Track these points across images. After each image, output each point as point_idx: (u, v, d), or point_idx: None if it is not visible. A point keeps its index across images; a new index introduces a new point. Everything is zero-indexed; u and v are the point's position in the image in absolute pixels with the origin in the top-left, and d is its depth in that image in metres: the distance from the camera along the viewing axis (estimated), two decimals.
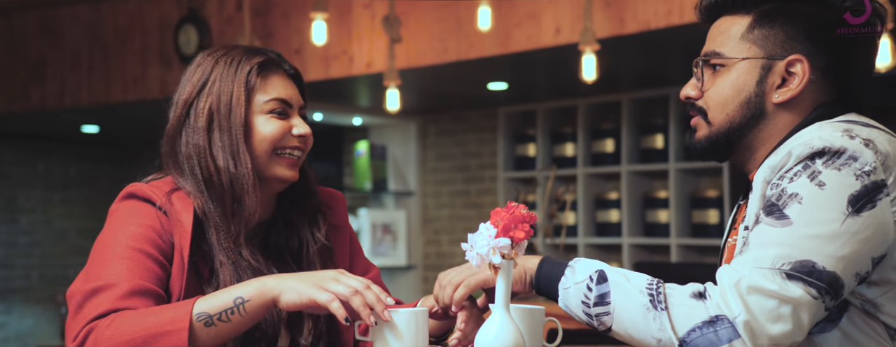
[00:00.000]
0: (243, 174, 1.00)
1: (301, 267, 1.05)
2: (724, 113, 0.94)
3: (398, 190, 4.20)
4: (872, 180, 0.83)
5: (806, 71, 0.92)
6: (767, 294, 0.80)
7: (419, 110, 4.11)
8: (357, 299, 0.89)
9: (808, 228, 0.82)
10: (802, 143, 0.86)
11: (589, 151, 3.68)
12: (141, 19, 3.64)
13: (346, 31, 3.15)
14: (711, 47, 0.96)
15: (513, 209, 0.83)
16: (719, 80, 0.94)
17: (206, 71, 1.04)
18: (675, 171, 3.42)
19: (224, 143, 1.00)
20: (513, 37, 2.77)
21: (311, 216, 1.07)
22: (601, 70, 2.57)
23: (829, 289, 0.82)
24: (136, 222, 0.98)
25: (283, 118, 1.04)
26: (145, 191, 1.00)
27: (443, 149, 4.16)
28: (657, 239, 3.47)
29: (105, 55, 3.68)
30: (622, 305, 0.84)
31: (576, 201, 3.67)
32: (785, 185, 0.85)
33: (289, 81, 1.06)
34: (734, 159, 0.97)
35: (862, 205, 0.82)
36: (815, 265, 0.81)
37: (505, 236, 0.82)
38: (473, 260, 0.83)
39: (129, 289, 0.92)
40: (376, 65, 3.06)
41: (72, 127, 4.38)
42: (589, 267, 0.88)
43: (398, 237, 4.16)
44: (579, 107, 3.66)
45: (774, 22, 0.93)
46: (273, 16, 3.30)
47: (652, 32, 2.48)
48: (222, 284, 0.98)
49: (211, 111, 1.01)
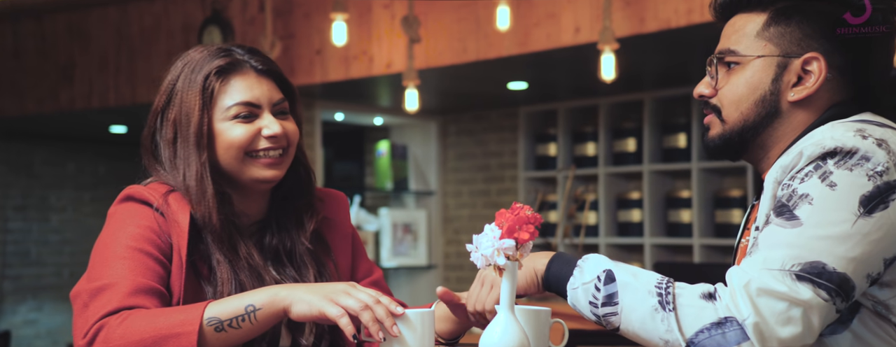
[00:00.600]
0: (198, 185, 0.99)
1: (294, 266, 1.04)
2: (738, 111, 0.93)
3: (419, 189, 4.21)
4: (885, 180, 0.82)
5: (822, 69, 0.91)
6: (777, 297, 0.79)
7: (440, 110, 4.12)
8: (367, 314, 0.89)
9: (818, 229, 0.81)
10: (814, 143, 0.85)
11: (610, 151, 3.65)
12: (166, 20, 3.70)
13: (365, 31, 3.17)
14: (726, 45, 0.95)
15: (517, 210, 0.83)
16: (734, 78, 0.93)
17: (173, 78, 1.03)
18: (697, 171, 3.38)
19: (184, 155, 1.00)
20: (532, 36, 2.76)
21: (298, 217, 1.06)
22: (622, 69, 2.54)
23: (839, 291, 0.81)
24: (134, 223, 0.98)
25: (249, 121, 1.01)
26: (142, 193, 1.01)
27: (463, 148, 4.17)
28: (680, 239, 3.43)
29: (131, 56, 3.75)
30: (630, 306, 0.84)
31: (597, 201, 3.65)
32: (796, 186, 0.84)
33: (257, 80, 1.02)
34: (747, 158, 0.96)
35: (874, 206, 0.81)
36: (825, 266, 0.80)
37: (509, 237, 0.82)
38: (478, 261, 0.84)
39: (133, 288, 0.93)
40: (396, 66, 3.07)
41: (100, 127, 4.47)
42: (597, 267, 0.87)
43: (419, 236, 4.17)
44: (600, 107, 3.63)
45: (791, 19, 0.92)
46: (295, 16, 3.33)
47: (672, 31, 2.45)
48: (219, 282, 0.99)
49: (175, 123, 1.01)
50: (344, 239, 1.11)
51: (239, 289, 0.99)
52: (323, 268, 1.06)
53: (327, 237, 1.09)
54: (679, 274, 0.87)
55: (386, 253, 4.06)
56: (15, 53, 4.03)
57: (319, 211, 1.08)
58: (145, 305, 0.94)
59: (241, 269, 1.00)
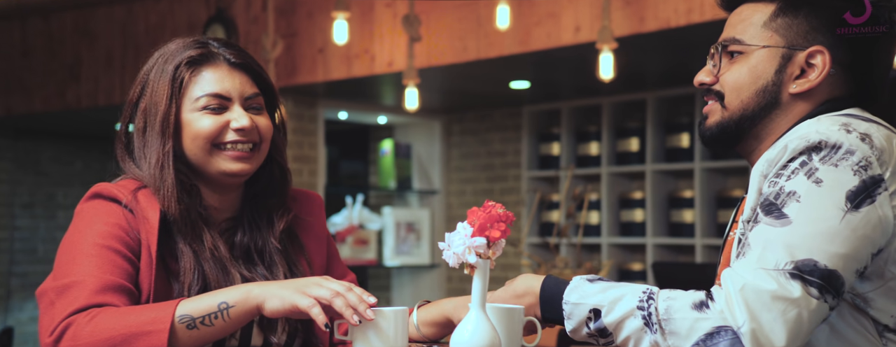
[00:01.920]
0: (167, 183, 0.98)
1: (265, 264, 1.04)
2: (739, 98, 0.92)
3: (422, 188, 4.22)
4: (870, 175, 0.81)
5: (826, 63, 0.90)
6: (771, 298, 0.79)
7: (443, 109, 4.12)
8: (339, 300, 0.89)
9: (807, 226, 0.81)
10: (799, 137, 0.85)
11: (613, 150, 3.64)
12: (171, 19, 3.72)
13: (368, 30, 3.17)
14: (731, 34, 0.94)
15: (489, 208, 0.83)
16: (737, 66, 0.93)
17: (148, 69, 1.02)
18: (700, 171, 3.36)
19: (150, 144, 0.99)
20: (533, 35, 2.75)
21: (269, 215, 1.06)
22: (624, 68, 2.53)
23: (829, 288, 0.80)
24: (102, 220, 0.98)
25: (218, 113, 1.00)
26: (111, 191, 1.00)
27: (467, 147, 4.16)
28: (682, 239, 3.41)
29: (137, 54, 3.78)
30: (623, 334, 0.85)
31: (600, 200, 3.63)
32: (783, 183, 0.84)
33: (229, 72, 1.01)
34: (741, 148, 0.96)
35: (860, 201, 0.81)
36: (816, 263, 0.80)
37: (481, 235, 0.81)
38: (450, 259, 0.84)
39: (100, 285, 0.93)
40: (398, 64, 3.07)
41: (107, 125, 4.49)
42: (582, 310, 0.87)
43: (422, 235, 4.17)
44: (604, 106, 3.62)
45: (799, 11, 0.91)
46: (297, 15, 3.34)
47: (672, 30, 2.44)
48: (183, 272, 0.98)
49: (145, 112, 1.00)
50: (318, 240, 1.10)
51: (202, 281, 0.99)
52: (295, 267, 1.06)
53: (301, 236, 1.09)
54: (680, 274, 0.86)
55: (389, 252, 4.07)
56: (23, 52, 4.07)
57: (291, 210, 1.08)
58: (113, 303, 0.93)
59: (205, 260, 0.99)
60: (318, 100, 3.70)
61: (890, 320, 0.83)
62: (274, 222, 1.06)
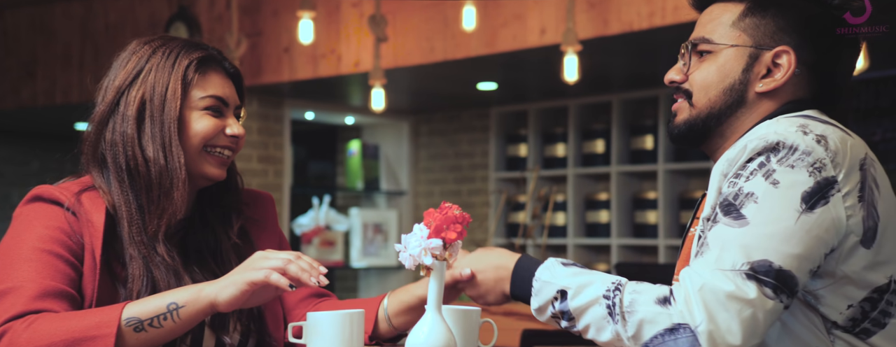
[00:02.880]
0: (175, 168, 0.98)
1: (218, 264, 1.03)
2: (706, 97, 0.94)
3: (390, 189, 4.20)
4: (824, 176, 0.83)
5: (791, 63, 0.92)
6: (727, 299, 0.80)
7: (411, 110, 4.11)
8: (292, 266, 0.88)
9: (763, 227, 0.82)
10: (758, 137, 0.86)
11: (579, 152, 3.67)
12: (132, 16, 3.65)
13: (334, 29, 3.15)
14: (701, 33, 0.96)
15: (445, 210, 0.82)
16: (705, 65, 0.94)
17: (141, 60, 1.00)
18: (663, 172, 3.41)
19: (155, 135, 0.98)
20: (499, 37, 2.76)
21: (225, 214, 1.06)
22: (589, 70, 2.55)
23: (784, 288, 0.82)
24: (41, 224, 0.95)
25: (217, 116, 1.02)
26: (53, 193, 0.98)
27: (435, 148, 4.16)
28: (646, 239, 3.46)
29: (96, 53, 3.70)
30: (584, 319, 0.86)
31: (566, 202, 3.66)
32: (742, 184, 0.85)
33: (227, 80, 1.04)
34: (706, 146, 0.97)
35: (815, 202, 0.83)
36: (771, 264, 0.82)
37: (437, 237, 0.81)
38: (406, 261, 0.83)
39: (39, 291, 0.90)
40: (364, 65, 3.06)
41: (65, 124, 4.40)
42: (550, 288, 0.88)
43: (390, 237, 4.16)
44: (570, 108, 3.65)
45: (766, 11, 0.93)
46: (262, 14, 3.30)
47: (635, 33, 2.47)
48: (131, 279, 0.96)
49: (143, 100, 0.99)
50: (270, 238, 1.09)
51: (151, 287, 0.97)
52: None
53: (254, 236, 1.08)
54: (643, 275, 0.88)
55: (356, 254, 4.05)
56: None
57: (244, 211, 1.08)
58: (53, 309, 0.90)
59: (156, 265, 0.98)
60: (284, 100, 3.66)
61: (839, 317, 0.84)
62: (231, 221, 1.05)
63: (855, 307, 0.84)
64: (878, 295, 0.84)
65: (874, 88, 3.05)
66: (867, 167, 0.86)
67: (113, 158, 0.99)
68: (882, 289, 0.85)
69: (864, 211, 0.84)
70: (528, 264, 0.92)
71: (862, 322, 0.84)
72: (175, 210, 0.99)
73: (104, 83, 1.02)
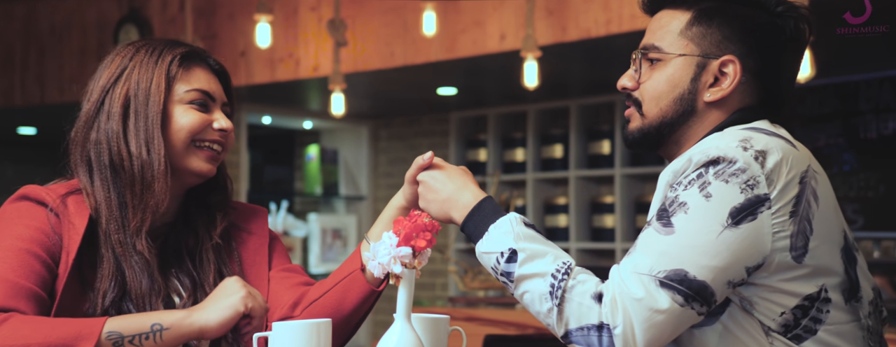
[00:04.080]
0: (155, 160, 0.98)
1: (195, 265, 1.03)
2: (657, 107, 0.96)
3: (349, 194, 4.17)
4: (755, 194, 0.85)
5: (737, 72, 0.93)
6: (639, 304, 0.83)
7: (371, 114, 4.09)
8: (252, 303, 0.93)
9: (687, 238, 0.85)
10: (701, 151, 0.88)
11: (538, 156, 3.71)
12: (79, 18, 3.54)
13: (292, 33, 3.11)
14: (651, 40, 0.97)
15: (415, 217, 0.82)
16: (656, 74, 0.96)
17: (125, 59, 1.01)
18: (620, 177, 3.47)
19: (139, 129, 0.98)
20: (459, 42, 2.77)
21: (210, 214, 1.06)
22: (548, 76, 2.58)
23: (696, 297, 0.84)
24: (22, 223, 0.95)
25: (203, 110, 1.02)
26: (39, 193, 0.98)
27: (395, 153, 4.15)
28: (603, 243, 3.51)
29: (40, 54, 3.57)
30: (524, 286, 0.87)
31: (525, 206, 3.69)
32: (679, 192, 0.88)
33: (212, 76, 1.04)
34: (663, 151, 0.99)
35: (742, 218, 0.85)
36: (686, 274, 0.84)
37: (406, 245, 0.81)
38: (375, 269, 0.83)
39: (12, 289, 0.90)
40: (323, 69, 3.03)
41: (7, 129, 4.24)
42: (503, 242, 0.89)
43: (349, 242, 4.12)
44: (529, 113, 3.69)
45: (712, 20, 0.94)
46: (218, 17, 3.24)
47: (592, 40, 2.51)
48: (100, 278, 0.96)
49: (127, 96, 0.99)
50: (259, 250, 1.08)
51: (119, 287, 0.96)
52: (225, 268, 1.05)
53: (238, 245, 1.08)
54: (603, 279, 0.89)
55: (314, 260, 4.00)
56: None
57: (233, 219, 1.08)
58: (22, 309, 0.89)
59: (130, 266, 0.97)
60: (241, 104, 3.60)
61: (772, 323, 0.87)
62: (215, 221, 1.05)
63: (787, 313, 0.87)
64: (809, 303, 0.87)
65: (818, 96, 3.17)
66: (808, 180, 0.88)
67: (97, 156, 0.99)
68: (813, 297, 0.87)
69: (795, 226, 0.86)
70: (491, 208, 0.93)
71: (794, 328, 0.87)
72: (158, 202, 0.98)
73: (90, 86, 1.02)
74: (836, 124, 3.13)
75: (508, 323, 2.41)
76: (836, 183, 3.10)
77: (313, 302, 1.02)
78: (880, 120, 3.05)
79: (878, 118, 3.05)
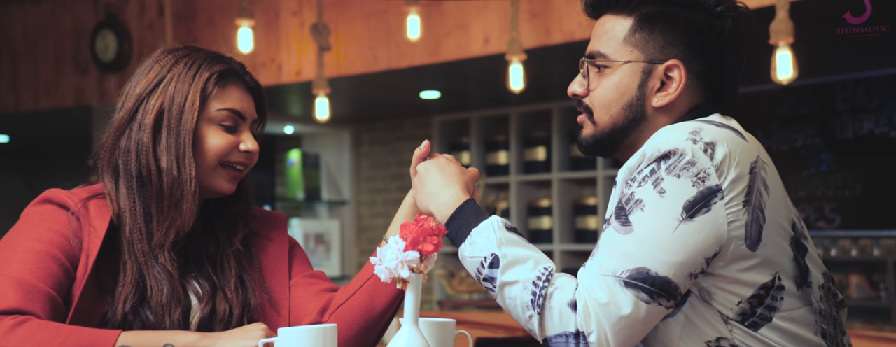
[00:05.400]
0: (186, 180, 0.98)
1: (215, 270, 1.03)
2: (608, 114, 0.97)
3: (332, 199, 4.15)
4: (707, 186, 0.87)
5: (682, 76, 0.95)
6: (606, 309, 0.85)
7: (352, 118, 4.08)
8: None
9: (645, 235, 0.86)
10: (653, 146, 0.90)
11: (521, 159, 3.73)
12: (54, 24, 3.48)
13: (274, 38, 3.09)
14: (596, 47, 0.98)
15: (422, 222, 0.82)
16: (604, 82, 0.97)
17: (163, 69, 1.01)
18: (603, 178, 3.50)
19: (170, 145, 0.99)
20: (443, 46, 2.78)
21: (232, 221, 1.06)
22: (531, 79, 2.60)
23: (661, 293, 0.86)
24: (43, 226, 0.96)
25: (232, 132, 1.03)
26: (62, 197, 0.99)
27: (377, 157, 4.14)
28: (587, 245, 3.54)
29: (14, 61, 3.50)
30: (506, 292, 0.88)
31: (509, 209, 3.71)
32: (634, 189, 0.89)
33: (246, 94, 1.05)
34: (619, 155, 1.00)
35: (696, 211, 0.86)
36: (649, 271, 0.86)
37: (413, 249, 0.81)
38: (382, 274, 0.82)
39: (30, 291, 0.90)
40: (306, 73, 3.01)
41: None
42: (486, 247, 0.90)
43: (332, 247, 4.10)
44: (511, 116, 3.70)
45: (654, 26, 0.95)
46: (198, 22, 3.21)
47: (576, 43, 2.53)
48: (121, 285, 0.96)
49: (161, 109, 0.99)
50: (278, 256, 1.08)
51: (139, 294, 0.96)
52: (245, 274, 1.05)
53: (257, 251, 1.08)
54: None
55: None
56: None
57: (253, 225, 1.08)
58: (37, 312, 0.90)
59: (152, 276, 0.98)
60: None
61: (729, 312, 0.89)
62: (236, 228, 1.05)
63: (744, 303, 0.88)
64: (764, 292, 0.88)
65: (795, 97, 3.24)
66: (758, 170, 0.89)
67: (125, 165, 1.00)
68: (768, 286, 0.89)
69: (748, 215, 0.87)
70: (472, 211, 0.94)
71: (751, 316, 0.89)
72: (184, 222, 0.99)
73: (126, 89, 1.03)
74: (814, 125, 3.19)
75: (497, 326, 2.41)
76: (814, 183, 3.16)
77: (341, 306, 1.02)
78: (856, 120, 3.11)
79: (854, 118, 3.12)
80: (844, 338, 0.97)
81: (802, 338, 0.90)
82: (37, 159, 4.56)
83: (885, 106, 3.05)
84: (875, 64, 3.00)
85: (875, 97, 3.08)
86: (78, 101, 3.47)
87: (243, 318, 1.02)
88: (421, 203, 0.99)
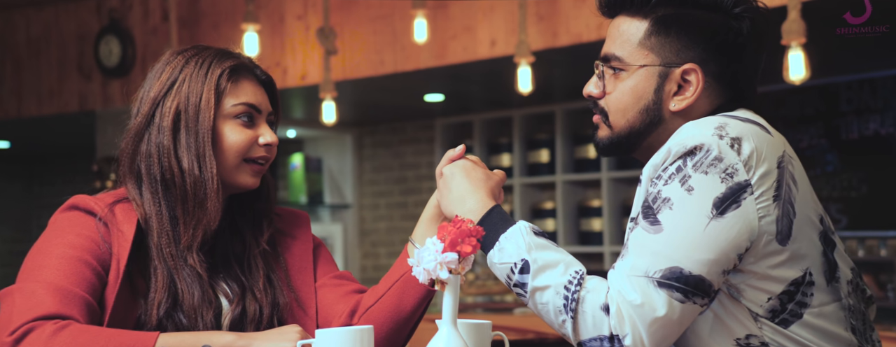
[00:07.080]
0: (208, 178, 0.99)
1: (243, 270, 1.03)
2: (624, 118, 0.97)
3: (334, 202, 4.14)
4: (736, 181, 0.86)
5: (699, 80, 0.94)
6: (640, 311, 0.84)
7: (355, 122, 4.07)
8: None
9: (676, 234, 0.86)
10: (678, 142, 0.89)
11: (525, 161, 3.73)
12: (57, 29, 3.47)
13: (279, 42, 3.09)
14: (611, 49, 0.97)
15: (459, 223, 0.82)
16: (620, 85, 0.97)
17: (175, 70, 1.01)
18: (607, 180, 3.51)
19: (190, 145, 0.99)
20: (449, 49, 2.78)
21: (257, 220, 1.06)
22: (536, 81, 2.61)
23: (696, 292, 0.86)
24: (74, 232, 0.97)
25: (249, 126, 1.03)
26: (88, 203, 0.99)
27: (379, 160, 4.13)
28: (592, 247, 3.54)
29: (17, 67, 3.49)
30: (538, 297, 0.88)
31: (513, 211, 3.71)
32: (661, 187, 0.88)
33: (259, 88, 1.05)
34: (638, 155, 1.00)
35: (726, 207, 0.86)
36: (682, 270, 0.85)
37: (452, 251, 0.81)
38: (420, 275, 0.82)
39: (67, 296, 0.91)
40: (311, 77, 3.01)
41: None
42: (515, 253, 0.90)
43: (335, 250, 4.09)
44: (515, 118, 3.71)
45: (670, 29, 0.95)
46: (202, 27, 3.20)
47: (584, 45, 2.54)
48: (153, 290, 0.96)
49: (178, 111, 1.00)
50: (303, 255, 1.08)
51: (172, 299, 0.97)
52: (272, 274, 1.05)
53: (283, 250, 1.08)
54: None
55: None
56: None
57: (277, 224, 1.08)
58: (76, 317, 0.91)
59: (182, 278, 0.98)
60: None
61: (759, 308, 0.88)
62: (262, 227, 1.05)
63: (773, 299, 0.88)
64: (794, 288, 0.88)
65: (800, 97, 3.25)
66: (785, 165, 0.89)
67: (147, 169, 1.00)
68: (798, 282, 0.88)
69: (779, 210, 0.87)
70: (499, 217, 0.93)
71: (781, 313, 0.88)
72: (209, 220, 0.99)
73: (140, 94, 1.03)
74: (819, 126, 3.20)
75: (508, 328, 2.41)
76: (820, 183, 3.17)
77: (370, 308, 1.02)
78: (861, 120, 3.13)
79: (859, 119, 3.13)
80: (873, 334, 0.97)
81: (833, 334, 0.89)
82: (36, 165, 4.54)
83: (891, 106, 3.06)
84: (880, 64, 3.01)
85: (880, 97, 3.09)
86: (82, 107, 3.46)
87: (273, 318, 1.02)
88: (446, 208, 0.98)
